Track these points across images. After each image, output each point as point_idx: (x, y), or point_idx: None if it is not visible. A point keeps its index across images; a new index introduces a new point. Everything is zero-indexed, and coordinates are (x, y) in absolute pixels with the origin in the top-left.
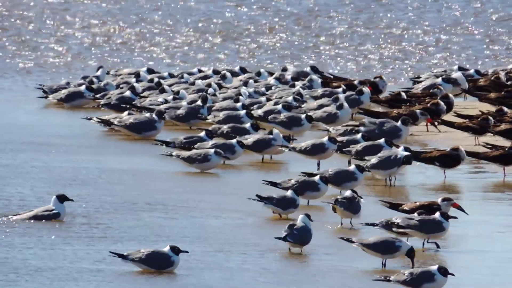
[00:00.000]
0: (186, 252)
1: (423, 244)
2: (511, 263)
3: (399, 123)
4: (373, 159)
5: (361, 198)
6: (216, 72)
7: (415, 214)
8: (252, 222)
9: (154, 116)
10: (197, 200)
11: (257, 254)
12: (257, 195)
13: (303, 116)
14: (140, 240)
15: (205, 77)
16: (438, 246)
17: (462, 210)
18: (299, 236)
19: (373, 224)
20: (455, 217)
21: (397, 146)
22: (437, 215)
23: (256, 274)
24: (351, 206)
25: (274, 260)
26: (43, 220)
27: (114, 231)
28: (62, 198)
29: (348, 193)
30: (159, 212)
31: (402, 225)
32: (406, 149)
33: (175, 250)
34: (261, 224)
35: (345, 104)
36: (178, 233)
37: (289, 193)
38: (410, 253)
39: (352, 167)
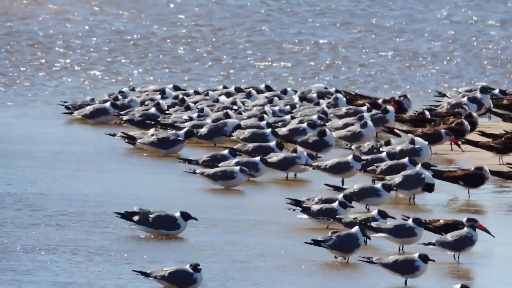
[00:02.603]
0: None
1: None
2: None
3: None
4: (398, 178)
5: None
6: (238, 89)
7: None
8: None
9: (179, 133)
10: (220, 216)
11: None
12: (312, 240)
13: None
14: (171, 258)
15: (228, 94)
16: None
17: (488, 232)
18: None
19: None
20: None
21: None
22: (410, 221)
23: None
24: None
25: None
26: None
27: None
28: (186, 216)
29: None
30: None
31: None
32: (427, 167)
33: (196, 268)
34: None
35: (369, 123)
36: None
37: (354, 230)
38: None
39: (378, 185)
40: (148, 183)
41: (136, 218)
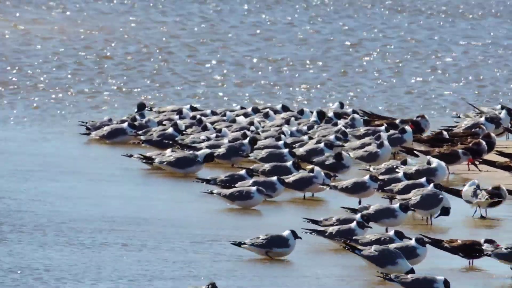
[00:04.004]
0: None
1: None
2: None
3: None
4: (415, 198)
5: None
6: (255, 110)
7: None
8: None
9: (198, 154)
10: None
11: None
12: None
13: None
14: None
15: (246, 114)
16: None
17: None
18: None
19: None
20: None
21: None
22: (412, 241)
23: None
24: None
25: None
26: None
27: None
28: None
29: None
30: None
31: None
32: (436, 185)
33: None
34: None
35: (386, 143)
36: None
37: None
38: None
39: (395, 205)
40: (165, 203)
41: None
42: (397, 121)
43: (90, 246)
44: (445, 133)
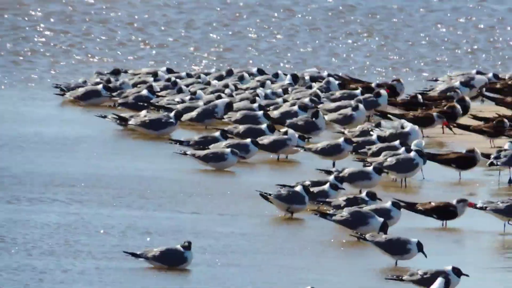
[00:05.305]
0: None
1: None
2: None
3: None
4: (390, 160)
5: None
6: (230, 72)
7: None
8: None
9: (171, 115)
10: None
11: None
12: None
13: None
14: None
15: (220, 77)
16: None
17: (478, 208)
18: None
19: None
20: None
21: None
22: (388, 203)
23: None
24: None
25: None
26: None
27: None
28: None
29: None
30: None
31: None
32: (419, 152)
33: (187, 247)
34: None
35: (361, 106)
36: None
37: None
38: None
39: (369, 168)
40: (139, 164)
41: None
42: (373, 85)
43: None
44: (419, 97)
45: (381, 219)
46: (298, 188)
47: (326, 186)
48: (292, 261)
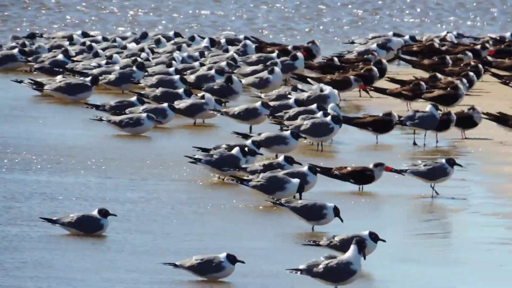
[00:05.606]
0: (115, 215)
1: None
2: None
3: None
4: (306, 124)
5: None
6: (145, 35)
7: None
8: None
9: (87, 80)
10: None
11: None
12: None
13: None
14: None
15: (137, 40)
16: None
17: (396, 171)
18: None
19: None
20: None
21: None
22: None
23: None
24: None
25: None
26: None
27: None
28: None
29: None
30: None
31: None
32: (335, 117)
33: (103, 214)
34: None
35: (277, 69)
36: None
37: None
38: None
39: (286, 132)
40: (54, 129)
41: None
42: (289, 47)
43: None
44: (336, 59)
45: (298, 180)
46: (235, 151)
47: (235, 151)
48: (206, 228)
